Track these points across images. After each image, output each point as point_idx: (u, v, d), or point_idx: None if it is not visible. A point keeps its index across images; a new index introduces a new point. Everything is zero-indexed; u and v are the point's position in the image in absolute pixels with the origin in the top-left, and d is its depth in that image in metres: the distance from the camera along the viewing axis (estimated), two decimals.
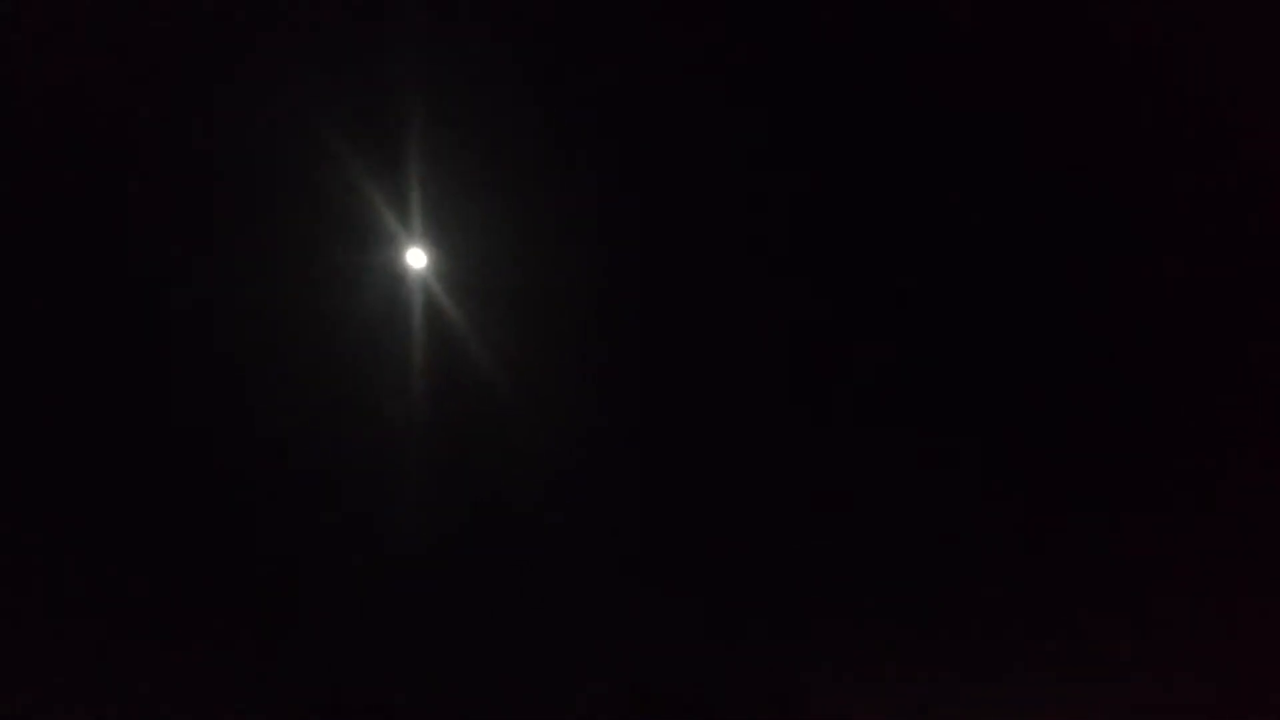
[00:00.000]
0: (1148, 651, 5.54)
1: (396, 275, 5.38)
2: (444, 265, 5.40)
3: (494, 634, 5.55)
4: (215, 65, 5.09)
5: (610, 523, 5.57)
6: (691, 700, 5.55)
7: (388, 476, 5.51)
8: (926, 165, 5.40)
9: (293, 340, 5.40)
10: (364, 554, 5.54)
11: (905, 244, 5.50)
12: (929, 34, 5.28)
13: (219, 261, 5.33)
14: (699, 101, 5.28)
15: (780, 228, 5.55)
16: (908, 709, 5.62)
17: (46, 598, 5.36)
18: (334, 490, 5.53)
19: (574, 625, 5.55)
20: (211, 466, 5.50)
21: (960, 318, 5.54)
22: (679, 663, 5.57)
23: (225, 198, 5.25)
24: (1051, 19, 5.24)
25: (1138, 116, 5.37)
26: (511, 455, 5.54)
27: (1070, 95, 5.35)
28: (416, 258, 5.37)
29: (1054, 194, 5.45)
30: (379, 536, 5.53)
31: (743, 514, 5.65)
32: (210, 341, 5.40)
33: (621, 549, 5.58)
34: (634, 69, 5.29)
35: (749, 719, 5.60)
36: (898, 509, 5.60)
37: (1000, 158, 5.44)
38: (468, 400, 5.47)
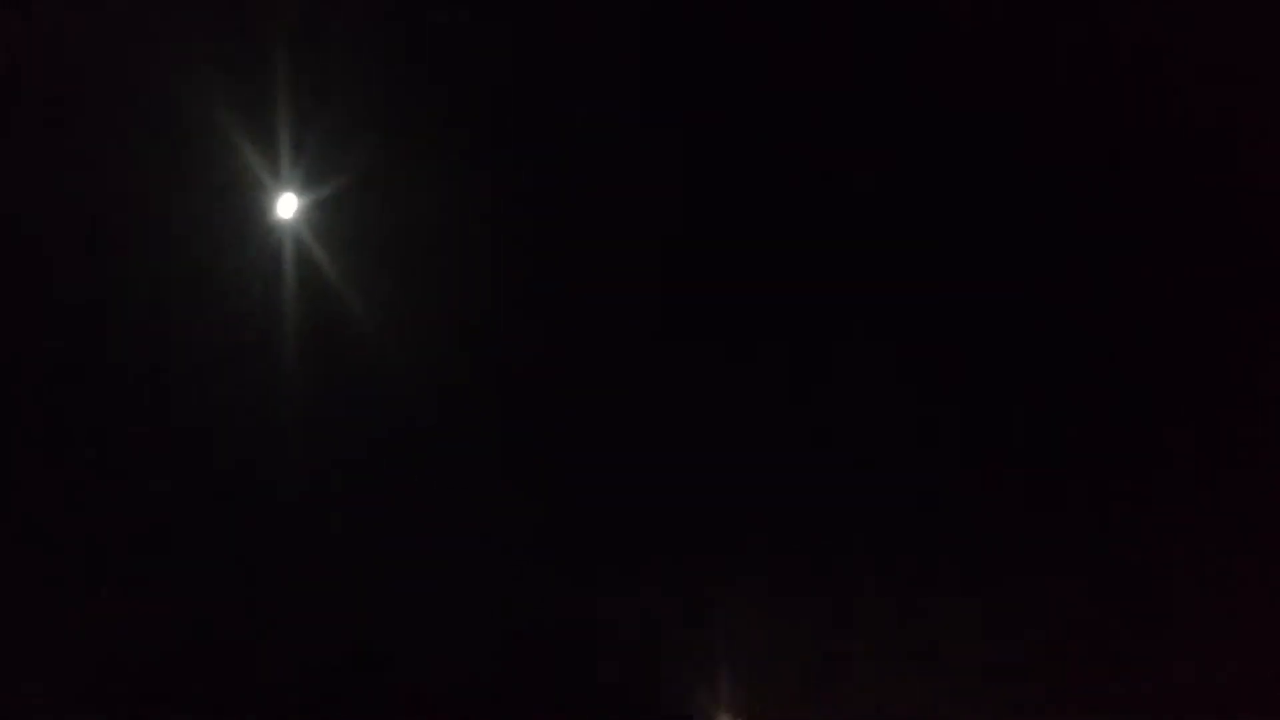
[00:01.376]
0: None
1: (266, 222, 5.47)
2: (313, 213, 5.48)
3: (367, 579, 5.48)
4: (91, 9, 5.24)
5: (476, 469, 5.54)
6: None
7: (259, 423, 5.51)
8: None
9: (164, 287, 5.46)
10: (237, 501, 5.50)
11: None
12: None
13: (90, 209, 5.42)
14: (561, 36, 5.42)
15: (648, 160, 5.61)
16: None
17: None
18: (206, 438, 5.52)
19: (445, 571, 5.48)
20: (83, 417, 5.51)
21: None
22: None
23: (96, 144, 5.37)
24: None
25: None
26: (380, 402, 5.55)
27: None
28: (287, 204, 5.47)
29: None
30: (251, 483, 5.50)
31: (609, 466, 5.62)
32: (81, 290, 5.46)
33: (489, 495, 5.54)
34: (517, 18, 5.45)
35: None
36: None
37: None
38: (337, 346, 5.50)
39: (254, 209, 5.46)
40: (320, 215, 5.49)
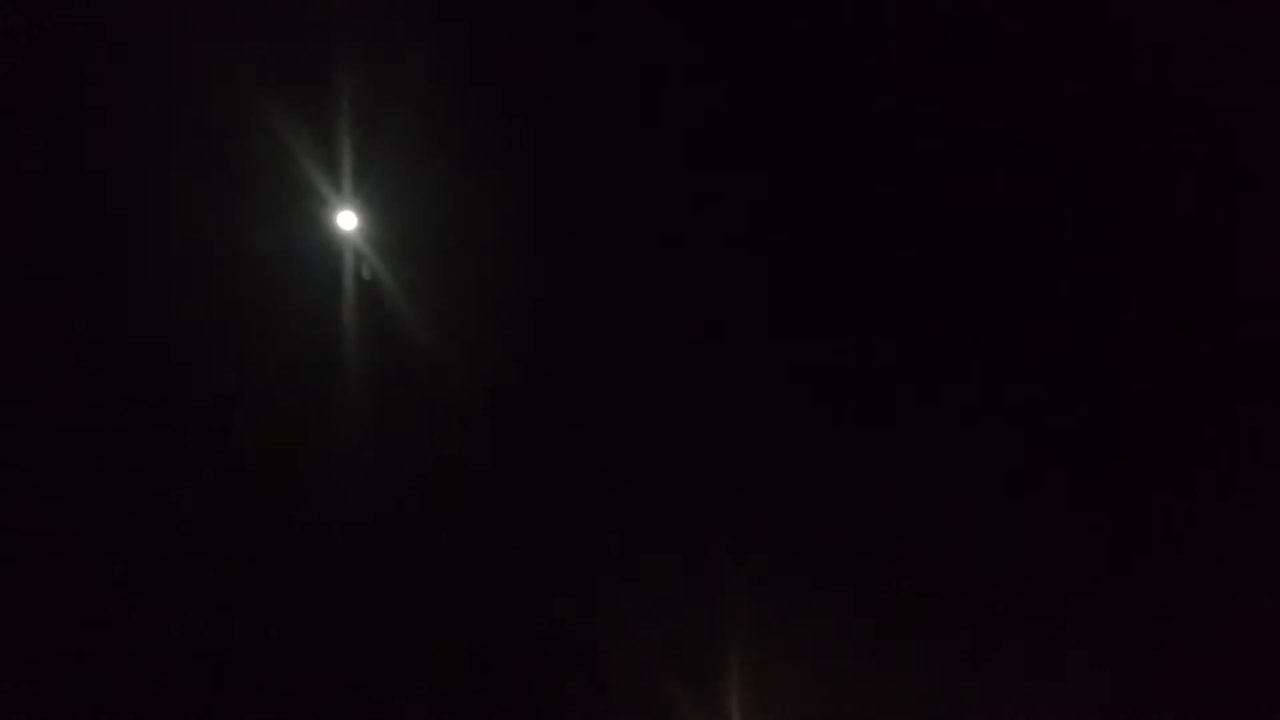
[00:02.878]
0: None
1: (328, 237, 5.59)
2: (374, 228, 5.61)
3: (433, 591, 5.68)
4: (154, 32, 5.27)
5: (540, 479, 5.76)
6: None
7: (322, 437, 5.66)
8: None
9: (228, 303, 5.55)
10: (302, 512, 5.65)
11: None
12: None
13: (155, 227, 5.48)
14: (628, 75, 5.59)
15: (709, 195, 5.82)
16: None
17: None
18: (270, 451, 5.65)
19: (514, 578, 5.71)
20: (150, 429, 5.60)
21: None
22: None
23: (160, 164, 5.42)
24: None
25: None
26: (441, 414, 5.72)
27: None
28: (347, 220, 5.59)
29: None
30: (315, 494, 5.64)
31: (677, 476, 5.88)
32: (147, 308, 5.53)
33: (552, 504, 5.77)
34: (567, 39, 5.58)
35: None
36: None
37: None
38: (398, 360, 5.66)
39: (315, 224, 5.57)
40: (380, 230, 5.62)
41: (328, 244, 5.59)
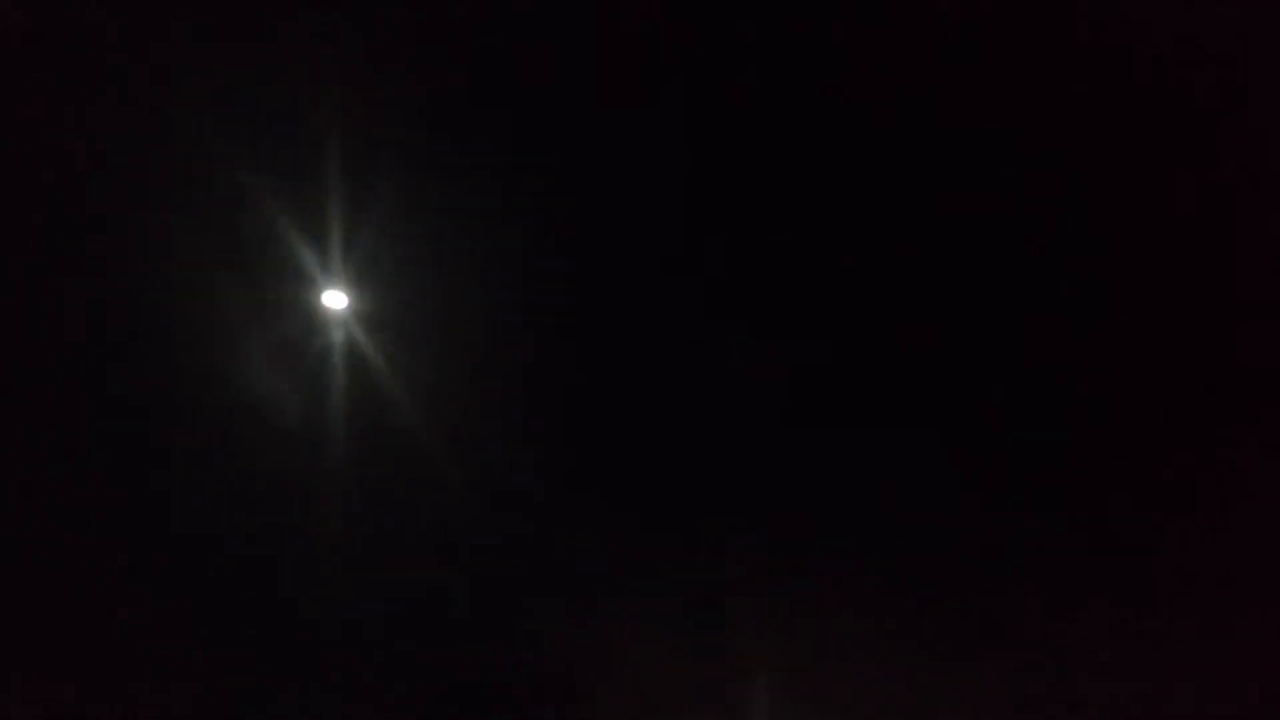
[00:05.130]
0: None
1: (316, 316, 5.49)
2: (363, 306, 5.51)
3: (420, 673, 5.60)
4: (141, 106, 5.19)
5: (530, 558, 5.66)
6: None
7: (309, 516, 5.57)
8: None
9: (215, 381, 5.47)
10: (286, 592, 5.57)
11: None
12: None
13: (143, 306, 5.40)
14: (614, 145, 5.46)
15: (711, 263, 5.71)
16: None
17: None
18: (256, 530, 5.57)
19: (507, 658, 5.63)
20: (132, 507, 5.52)
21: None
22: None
23: (147, 242, 5.34)
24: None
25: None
26: (431, 494, 5.62)
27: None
28: (336, 299, 5.49)
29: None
30: (300, 573, 5.56)
31: (673, 546, 5.77)
32: (132, 386, 5.45)
33: (545, 582, 5.67)
34: (553, 114, 5.47)
35: None
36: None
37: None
38: (387, 439, 5.56)
39: (303, 303, 5.47)
40: (368, 308, 5.52)
41: (315, 323, 5.48)
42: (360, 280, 5.48)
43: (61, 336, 5.42)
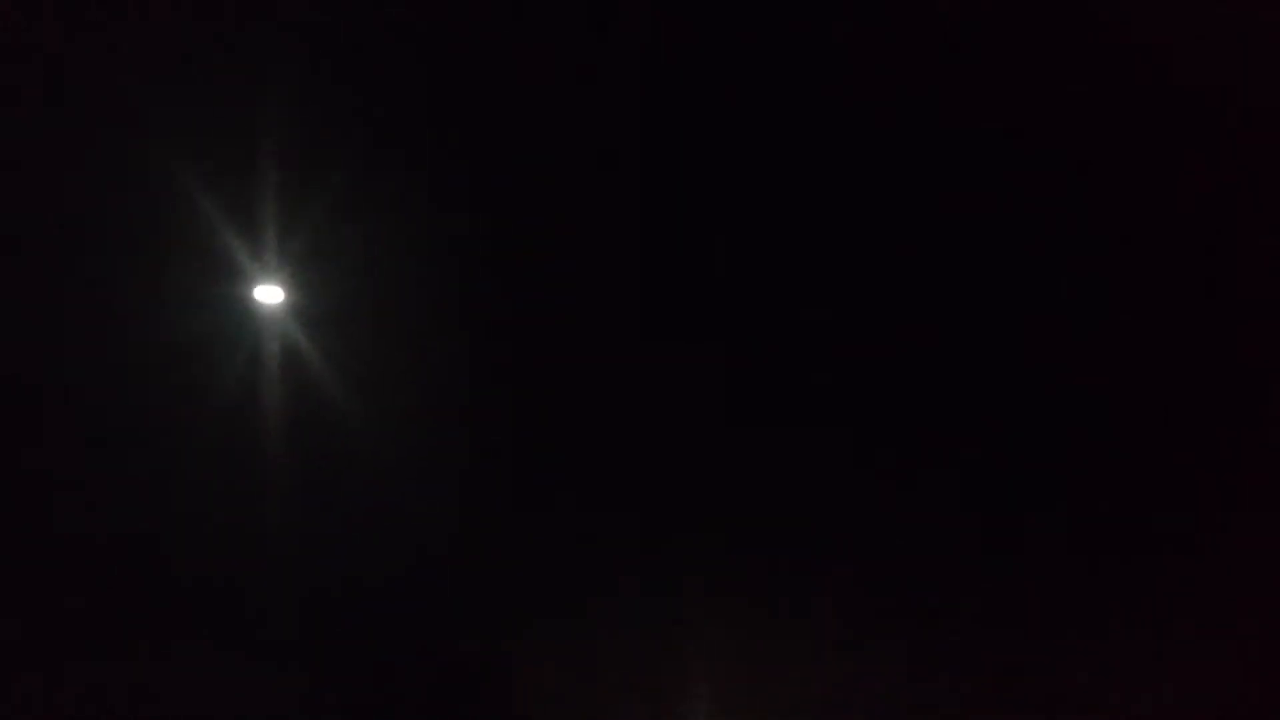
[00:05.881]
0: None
1: (250, 311, 5.45)
2: (297, 300, 5.48)
3: (354, 661, 5.59)
4: (75, 99, 5.12)
5: (467, 554, 5.65)
6: None
7: (245, 511, 5.54)
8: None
9: (147, 376, 5.42)
10: (221, 587, 5.54)
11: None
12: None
13: (73, 299, 5.34)
14: (554, 137, 5.45)
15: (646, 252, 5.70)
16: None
17: None
18: (191, 525, 5.54)
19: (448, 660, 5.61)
20: (62, 501, 5.47)
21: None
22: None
23: (80, 234, 5.27)
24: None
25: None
26: (366, 486, 5.61)
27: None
28: (270, 293, 5.45)
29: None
30: (235, 569, 5.53)
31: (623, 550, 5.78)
32: (67, 381, 5.39)
33: (480, 577, 5.66)
34: (486, 100, 5.45)
35: None
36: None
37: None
38: (321, 432, 5.53)
39: (236, 296, 5.43)
40: (303, 302, 5.49)
41: (249, 318, 5.44)
42: (295, 274, 5.44)
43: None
